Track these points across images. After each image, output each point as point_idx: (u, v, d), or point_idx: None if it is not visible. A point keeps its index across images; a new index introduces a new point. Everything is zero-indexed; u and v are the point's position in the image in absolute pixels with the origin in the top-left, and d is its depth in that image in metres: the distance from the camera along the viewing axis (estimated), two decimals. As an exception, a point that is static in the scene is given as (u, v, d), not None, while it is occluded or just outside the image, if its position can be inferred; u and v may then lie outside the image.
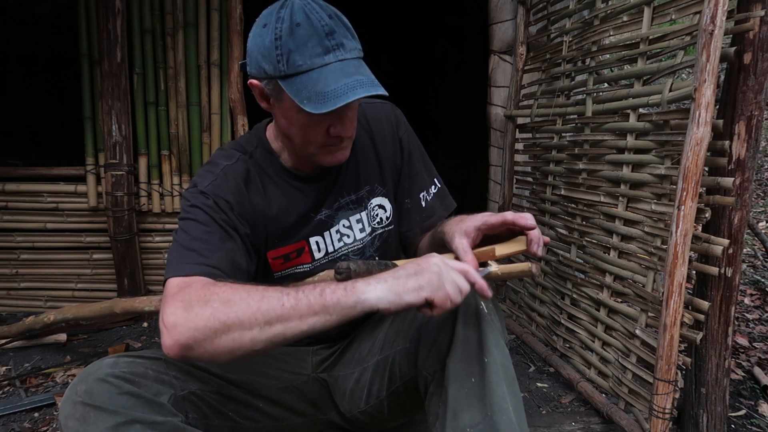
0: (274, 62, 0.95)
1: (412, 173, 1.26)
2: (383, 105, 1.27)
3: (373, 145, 1.23)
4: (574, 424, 1.60)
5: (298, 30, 0.93)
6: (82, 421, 0.85)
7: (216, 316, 0.82)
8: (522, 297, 2.25)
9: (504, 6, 2.32)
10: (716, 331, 1.45)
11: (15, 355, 2.03)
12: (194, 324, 0.82)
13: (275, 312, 0.83)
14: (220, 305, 0.83)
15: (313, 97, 0.93)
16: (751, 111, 1.33)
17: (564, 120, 1.90)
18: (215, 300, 0.84)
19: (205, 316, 0.82)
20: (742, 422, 1.65)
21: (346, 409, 1.23)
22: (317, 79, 0.94)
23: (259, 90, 1.03)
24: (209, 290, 0.86)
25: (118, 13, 2.19)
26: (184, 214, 1.04)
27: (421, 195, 1.26)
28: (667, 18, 1.44)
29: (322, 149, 1.06)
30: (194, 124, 2.35)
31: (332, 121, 1.01)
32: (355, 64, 0.97)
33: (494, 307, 1.01)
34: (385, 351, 1.12)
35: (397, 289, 0.84)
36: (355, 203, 1.21)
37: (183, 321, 0.82)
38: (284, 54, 0.94)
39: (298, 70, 0.94)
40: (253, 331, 0.82)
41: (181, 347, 0.82)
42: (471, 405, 0.91)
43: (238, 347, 0.83)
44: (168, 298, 0.88)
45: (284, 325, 0.83)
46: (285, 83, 0.96)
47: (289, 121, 1.03)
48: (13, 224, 2.39)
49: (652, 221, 1.49)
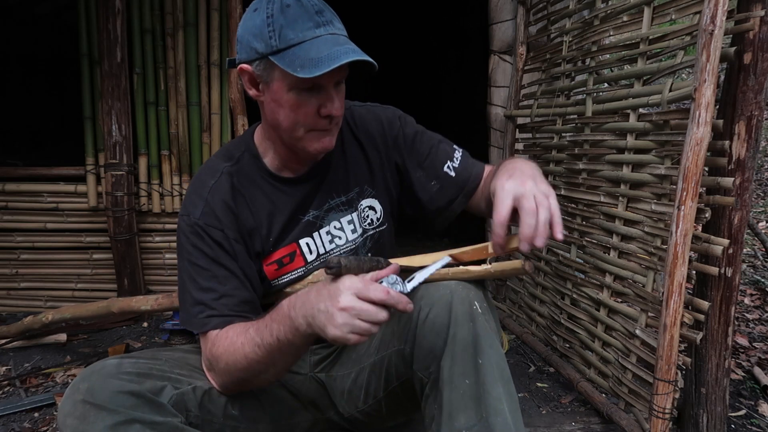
0: (266, 39, 0.98)
1: (423, 157, 1.24)
2: (372, 106, 1.28)
3: (360, 147, 1.23)
4: (574, 424, 1.60)
5: (289, 9, 0.97)
6: (82, 420, 0.85)
7: (231, 376, 1.03)
8: (522, 297, 2.25)
9: (504, 6, 2.32)
10: (716, 331, 1.45)
11: (15, 355, 2.03)
12: (221, 381, 1.06)
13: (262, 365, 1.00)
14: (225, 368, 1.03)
15: (307, 63, 0.95)
16: (751, 111, 1.33)
17: (564, 120, 1.90)
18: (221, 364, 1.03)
19: (222, 376, 1.05)
20: (742, 422, 1.65)
21: (344, 408, 1.23)
22: (309, 49, 0.96)
23: (249, 75, 1.05)
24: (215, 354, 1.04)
25: (118, 13, 2.19)
26: (186, 255, 1.10)
27: (445, 168, 1.23)
28: (667, 18, 1.44)
29: (309, 133, 1.06)
30: (194, 124, 2.35)
31: (323, 99, 1.03)
32: (344, 38, 1.01)
33: (489, 308, 1.01)
34: (381, 351, 1.12)
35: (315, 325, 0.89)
36: (346, 204, 1.21)
37: (214, 378, 1.07)
38: (276, 30, 0.97)
39: (290, 43, 0.97)
40: (260, 377, 1.04)
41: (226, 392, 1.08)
42: (466, 407, 0.91)
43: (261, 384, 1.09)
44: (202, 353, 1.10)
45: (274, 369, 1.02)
46: (277, 57, 0.98)
47: (278, 103, 1.04)
48: (13, 224, 2.39)
49: (652, 221, 1.48)
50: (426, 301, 1.01)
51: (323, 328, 0.86)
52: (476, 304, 0.97)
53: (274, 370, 1.02)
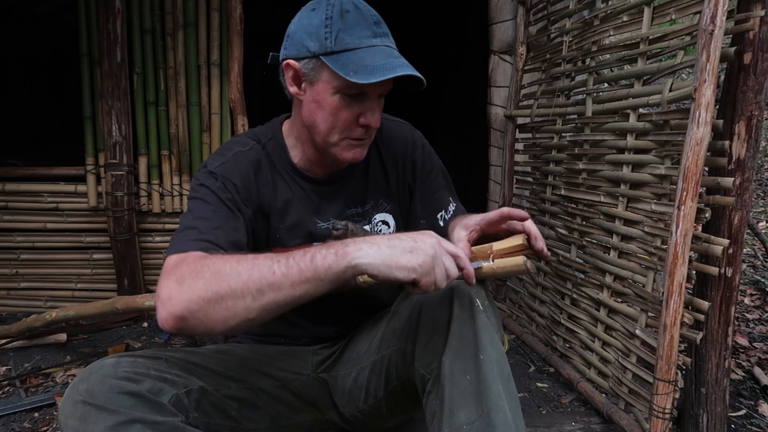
0: (321, 39, 0.98)
1: (428, 193, 1.28)
2: (401, 124, 1.29)
3: (382, 161, 1.24)
4: (574, 424, 1.60)
5: (348, 15, 0.98)
6: (83, 420, 0.85)
7: (208, 287, 0.83)
8: (522, 297, 2.25)
9: (504, 6, 2.32)
10: (716, 331, 1.45)
11: (15, 355, 2.03)
12: (187, 296, 0.82)
13: (266, 280, 0.83)
14: (212, 276, 0.84)
15: (361, 69, 0.96)
16: (751, 111, 1.33)
17: (564, 120, 1.90)
18: (207, 271, 0.84)
19: (198, 288, 0.83)
20: (742, 422, 1.65)
21: (345, 408, 1.23)
22: (365, 56, 0.97)
23: (293, 72, 1.04)
24: (201, 263, 0.87)
25: (118, 13, 2.19)
26: (193, 194, 1.07)
27: (438, 215, 1.27)
28: (667, 18, 1.44)
29: (344, 141, 1.07)
30: (194, 124, 2.35)
31: (364, 108, 1.03)
32: (398, 53, 1.02)
33: (489, 305, 1.01)
34: (382, 350, 1.12)
35: (390, 261, 0.83)
36: (361, 216, 1.22)
37: (176, 294, 0.83)
38: (333, 32, 0.98)
39: (345, 47, 0.98)
40: (246, 300, 0.83)
41: (175, 319, 0.83)
42: (467, 403, 0.91)
43: (232, 316, 0.83)
44: (163, 275, 0.89)
45: (276, 293, 0.83)
46: (330, 59, 0.98)
47: (319, 105, 1.04)
48: (13, 224, 2.39)
49: (652, 221, 1.49)
50: (427, 299, 1.02)
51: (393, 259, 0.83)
52: (477, 301, 0.98)
53: (271, 297, 0.83)
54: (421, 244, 0.85)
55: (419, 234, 0.88)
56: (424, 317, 1.01)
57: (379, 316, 1.23)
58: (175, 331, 0.86)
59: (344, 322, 1.28)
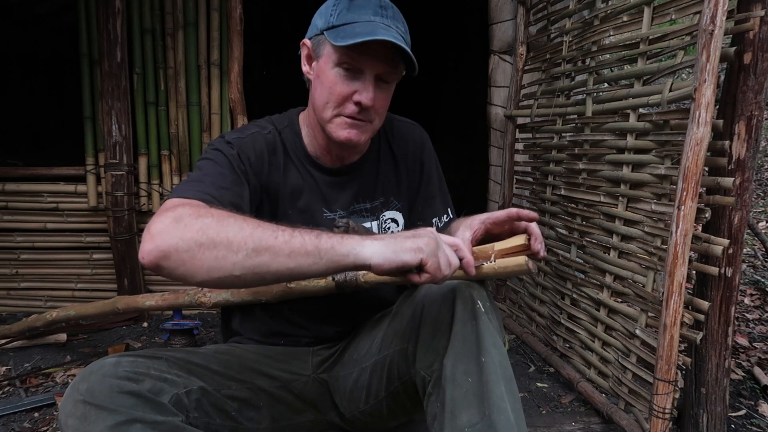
0: (327, 17, 1.05)
1: (428, 197, 1.30)
2: (412, 125, 1.31)
3: (394, 159, 1.26)
4: (574, 424, 1.60)
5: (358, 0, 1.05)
6: (83, 420, 0.84)
7: (205, 231, 0.81)
8: (522, 297, 2.25)
9: (504, 6, 2.32)
10: (716, 331, 1.45)
11: (15, 355, 2.03)
12: (181, 233, 0.80)
13: (266, 242, 0.81)
14: (213, 222, 0.82)
15: (349, 36, 1.00)
16: (751, 111, 1.33)
17: (564, 120, 1.90)
18: (209, 217, 0.83)
19: (195, 228, 0.81)
20: (742, 422, 1.65)
21: (346, 409, 1.23)
22: (356, 27, 1.02)
23: (307, 50, 1.12)
24: (205, 209, 0.86)
25: (118, 13, 2.19)
26: (204, 155, 1.08)
27: (434, 220, 1.29)
28: (667, 18, 1.44)
29: (338, 117, 1.09)
30: (194, 124, 2.35)
31: (359, 86, 1.06)
32: (397, 32, 1.05)
33: (491, 306, 1.01)
34: (383, 351, 1.12)
35: (395, 246, 0.84)
36: (369, 211, 1.23)
37: (171, 229, 0.81)
38: (338, 9, 1.05)
39: (344, 21, 1.03)
40: (239, 254, 0.80)
41: (159, 254, 0.80)
42: (469, 405, 0.91)
43: (218, 267, 0.80)
44: (159, 212, 0.86)
45: (272, 257, 0.81)
46: (330, 32, 1.04)
47: (320, 80, 1.08)
48: (13, 224, 2.39)
49: (652, 221, 1.48)
50: (429, 299, 1.02)
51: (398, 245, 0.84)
52: (479, 302, 0.98)
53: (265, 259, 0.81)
54: (422, 231, 0.88)
55: (417, 230, 0.90)
56: (426, 318, 1.01)
57: (380, 316, 1.23)
58: (152, 268, 0.82)
59: (345, 323, 1.28)
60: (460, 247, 0.91)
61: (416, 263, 0.84)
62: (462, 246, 0.91)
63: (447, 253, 0.88)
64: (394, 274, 0.87)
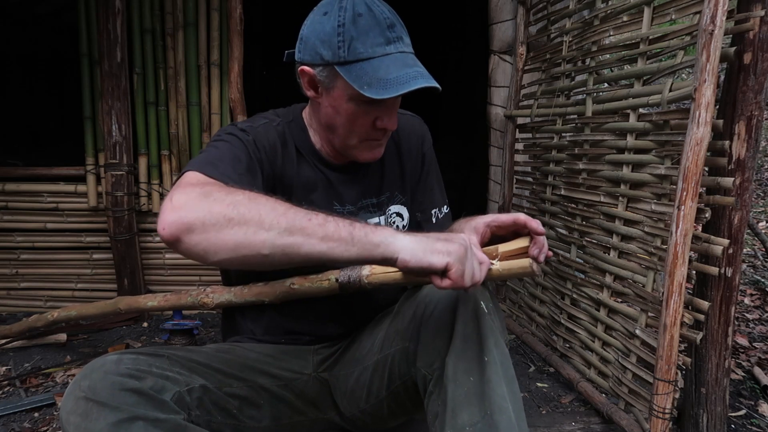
0: (335, 48, 0.97)
1: (427, 189, 1.30)
2: (413, 118, 1.30)
3: (398, 153, 1.26)
4: (574, 424, 1.60)
5: (361, 20, 0.96)
6: (84, 417, 0.84)
7: (237, 206, 0.79)
8: (522, 297, 2.25)
9: (504, 6, 2.32)
10: (716, 331, 1.45)
11: (15, 355, 2.03)
12: (210, 206, 0.78)
13: (300, 223, 0.80)
14: (245, 199, 0.80)
15: (375, 83, 0.95)
16: (751, 111, 1.33)
17: (564, 120, 1.90)
18: (240, 194, 0.81)
19: (226, 203, 0.79)
20: (742, 422, 1.65)
21: (346, 408, 1.23)
22: (378, 67, 0.96)
23: (309, 77, 1.04)
24: (233, 188, 0.84)
25: (118, 13, 2.19)
26: (217, 138, 1.05)
27: (432, 212, 1.30)
28: (667, 18, 1.45)
29: (363, 143, 1.09)
30: (194, 124, 2.35)
31: (380, 113, 1.04)
32: (412, 58, 1.02)
33: (494, 306, 1.01)
34: (384, 350, 1.12)
35: (425, 246, 0.83)
36: (376, 207, 1.23)
37: (198, 202, 0.79)
38: (346, 41, 0.96)
39: (359, 57, 0.97)
40: (271, 233, 0.78)
41: (182, 225, 0.78)
42: (470, 404, 0.91)
43: (246, 244, 0.78)
44: (181, 185, 0.84)
45: (304, 239, 0.79)
46: (343, 69, 0.98)
47: (336, 111, 1.05)
48: (13, 224, 2.39)
49: (652, 221, 1.49)
50: (431, 299, 1.02)
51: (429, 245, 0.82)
52: (482, 303, 0.98)
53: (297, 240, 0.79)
54: (454, 236, 0.86)
55: (451, 233, 0.89)
56: (428, 317, 1.00)
57: (382, 315, 1.23)
58: (171, 241, 0.78)
59: (347, 322, 1.28)
60: (485, 265, 0.88)
61: (442, 267, 0.83)
62: (487, 264, 0.88)
63: (474, 265, 0.85)
64: (416, 273, 0.86)
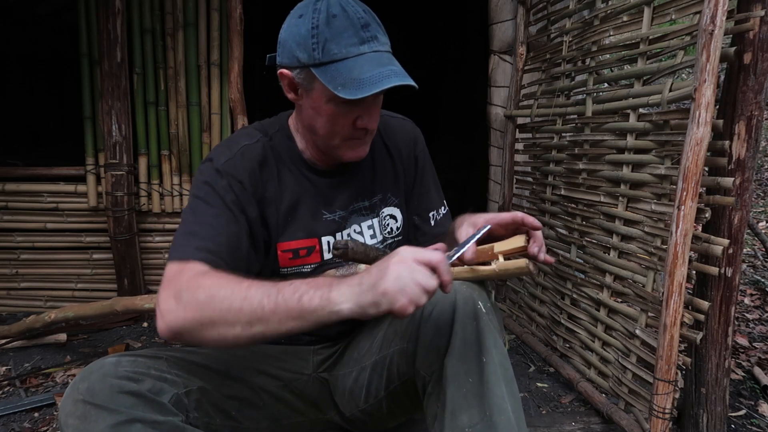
0: (309, 50, 0.98)
1: (422, 192, 1.30)
2: (404, 120, 1.31)
3: (390, 155, 1.26)
4: (574, 424, 1.60)
5: (335, 21, 0.97)
6: (83, 419, 0.85)
7: (202, 312, 0.87)
8: (522, 297, 2.25)
9: (504, 6, 2.32)
10: (716, 331, 1.45)
11: (15, 355, 2.03)
12: (183, 315, 0.88)
13: (256, 314, 0.85)
14: (206, 300, 0.87)
15: (348, 83, 0.96)
16: (751, 111, 1.33)
17: (564, 120, 1.90)
18: (202, 294, 0.88)
19: (193, 309, 0.88)
20: (742, 422, 1.65)
21: (345, 408, 1.23)
22: (352, 67, 0.97)
23: (288, 80, 1.05)
24: (198, 282, 0.90)
25: (118, 13, 2.19)
26: (195, 191, 1.07)
27: (430, 214, 1.30)
28: (667, 18, 1.44)
29: (345, 142, 1.08)
30: (194, 124, 2.35)
31: (360, 112, 1.04)
32: (388, 56, 1.01)
33: (492, 307, 1.01)
34: (383, 350, 1.12)
35: (360, 301, 0.82)
36: (368, 209, 1.23)
37: (174, 309, 0.89)
38: (320, 42, 0.97)
39: (333, 58, 0.97)
40: (236, 328, 0.86)
41: (172, 332, 0.89)
42: (469, 405, 0.91)
43: (222, 339, 0.88)
44: (164, 283, 0.93)
45: (264, 327, 0.86)
46: (318, 71, 0.98)
47: (317, 112, 1.05)
48: (13, 224, 2.39)
49: (652, 221, 1.49)
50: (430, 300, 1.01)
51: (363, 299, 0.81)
52: (480, 303, 0.98)
53: (259, 329, 0.86)
54: (386, 271, 0.81)
55: (389, 258, 0.84)
56: (427, 318, 1.00)
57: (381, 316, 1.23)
58: (170, 341, 0.90)
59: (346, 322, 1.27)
60: (438, 268, 0.83)
61: (381, 314, 0.82)
62: (441, 265, 0.83)
63: (419, 281, 0.80)
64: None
